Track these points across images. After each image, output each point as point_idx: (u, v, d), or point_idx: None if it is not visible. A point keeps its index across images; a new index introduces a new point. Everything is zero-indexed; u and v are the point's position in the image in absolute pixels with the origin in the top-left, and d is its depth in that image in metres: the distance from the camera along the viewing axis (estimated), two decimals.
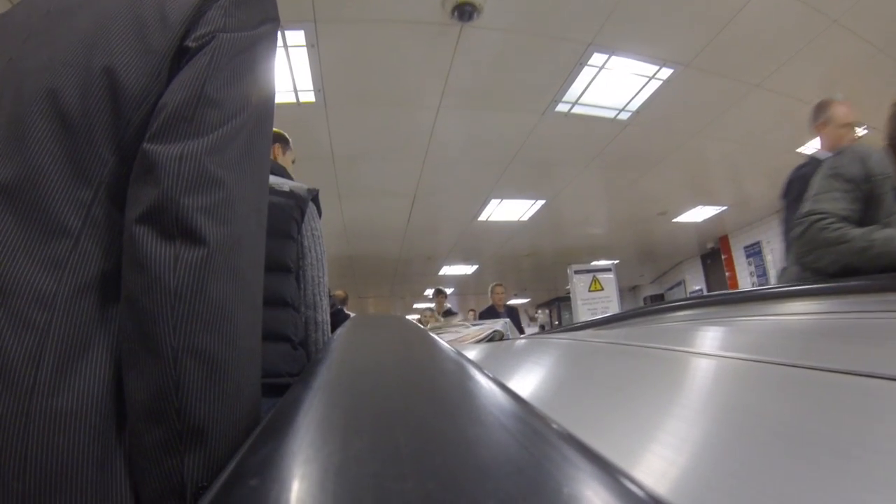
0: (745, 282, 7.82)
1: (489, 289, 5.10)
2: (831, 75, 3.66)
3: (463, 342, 1.44)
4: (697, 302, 1.21)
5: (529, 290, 11.57)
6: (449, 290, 9.07)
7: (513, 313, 4.97)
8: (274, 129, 0.90)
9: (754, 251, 7.61)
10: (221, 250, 0.44)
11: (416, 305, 11.82)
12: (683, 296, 9.67)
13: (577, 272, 7.32)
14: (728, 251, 8.16)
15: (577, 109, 3.85)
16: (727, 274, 8.21)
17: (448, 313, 6.09)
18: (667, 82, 3.59)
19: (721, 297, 1.20)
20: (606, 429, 0.42)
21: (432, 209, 5.67)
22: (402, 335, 0.59)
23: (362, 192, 5.10)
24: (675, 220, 6.85)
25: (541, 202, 5.66)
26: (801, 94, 3.78)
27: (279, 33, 0.70)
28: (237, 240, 0.46)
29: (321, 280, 1.43)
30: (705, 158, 4.95)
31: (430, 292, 9.81)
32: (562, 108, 3.80)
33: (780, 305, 0.91)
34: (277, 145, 1.78)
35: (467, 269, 8.86)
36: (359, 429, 0.21)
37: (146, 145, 0.45)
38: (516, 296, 12.00)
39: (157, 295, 0.41)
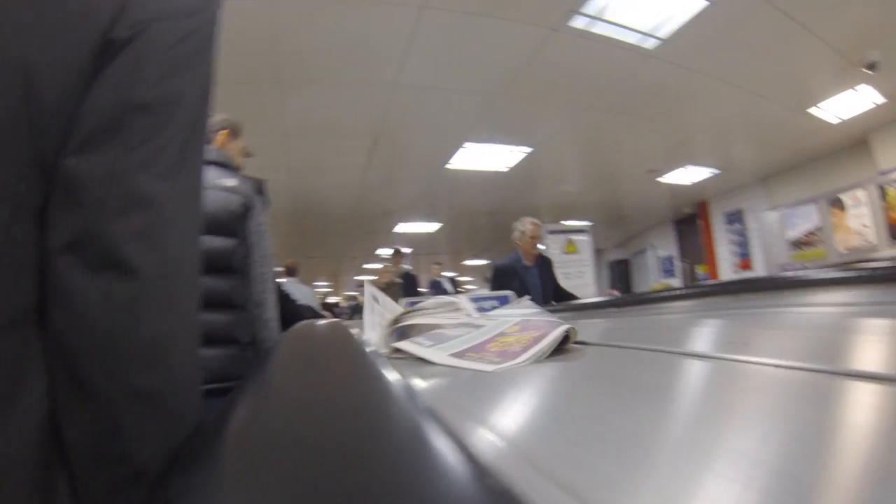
0: (724, 250, 7.51)
1: (520, 229, 3.22)
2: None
3: (508, 356, 0.63)
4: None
5: (491, 251, 10.90)
6: (406, 251, 8.22)
7: (546, 266, 3.31)
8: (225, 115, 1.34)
9: (736, 219, 7.24)
10: (155, 280, 0.41)
11: (366, 266, 10.94)
12: (653, 261, 9.31)
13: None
14: (706, 217, 7.76)
15: (597, 28, 3.02)
16: (704, 241, 7.83)
17: (407, 276, 5.38)
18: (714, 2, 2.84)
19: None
20: None
21: (397, 152, 4.74)
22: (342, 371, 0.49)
23: (313, 127, 4.12)
24: (661, 179, 6.25)
25: (525, 150, 4.83)
26: (841, 45, 3.48)
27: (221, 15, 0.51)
28: (172, 265, 0.43)
29: (268, 276, 1.41)
30: (717, 111, 4.38)
31: (382, 252, 8.96)
32: (580, 22, 2.95)
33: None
34: (225, 132, 1.58)
35: (427, 228, 8.02)
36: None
37: (67, 161, 0.39)
38: (476, 256, 11.32)
39: (87, 335, 0.38)
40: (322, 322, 1.21)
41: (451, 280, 6.30)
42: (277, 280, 1.64)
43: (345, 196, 6.02)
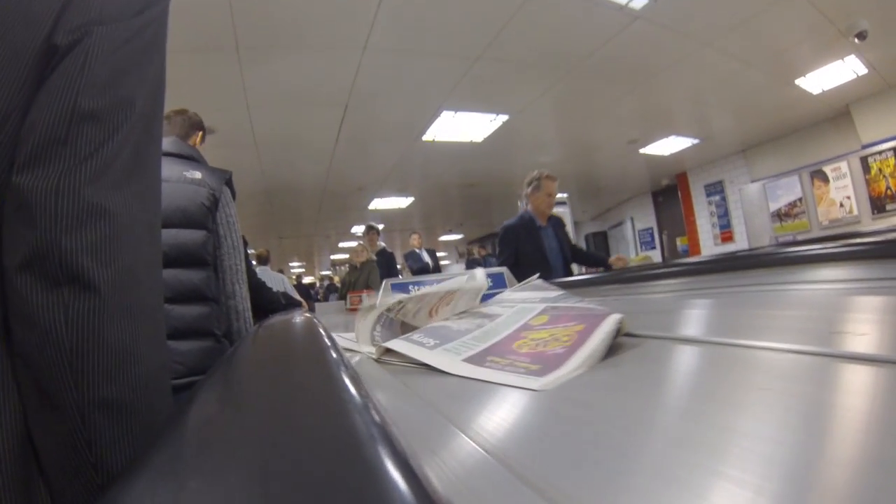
0: (705, 222, 7.52)
1: (534, 184, 2.71)
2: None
3: (549, 360, 0.43)
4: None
5: (464, 225, 10.75)
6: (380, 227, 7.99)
7: (560, 226, 2.84)
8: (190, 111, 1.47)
9: (716, 190, 7.23)
10: (115, 290, 0.41)
11: (341, 244, 10.68)
12: (630, 233, 9.26)
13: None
14: (686, 189, 7.72)
15: None
16: (684, 213, 7.79)
17: (382, 253, 5.13)
18: None
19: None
20: None
21: (369, 122, 4.48)
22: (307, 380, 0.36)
23: (279, 98, 3.84)
24: (643, 150, 6.13)
25: (502, 118, 4.62)
26: (832, 13, 3.39)
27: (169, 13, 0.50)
28: (131, 272, 0.43)
29: (238, 267, 1.41)
30: (701, 78, 4.27)
31: (357, 229, 8.71)
32: None
33: None
34: (200, 133, 1.62)
35: (401, 203, 7.78)
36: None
37: (16, 178, 0.39)
38: (450, 231, 11.16)
39: (52, 351, 0.38)
40: (294, 317, 1.05)
41: (430, 252, 5.88)
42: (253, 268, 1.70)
43: (315, 171, 5.75)
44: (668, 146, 6.17)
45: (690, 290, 1.02)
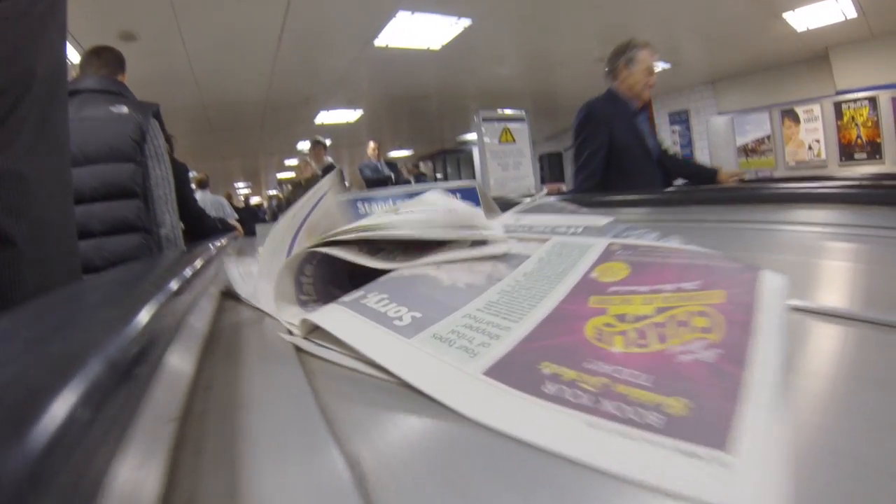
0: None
1: (628, 57, 1.99)
2: None
3: (709, 403, 0.18)
4: None
5: (416, 142, 10.39)
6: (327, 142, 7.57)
7: (650, 119, 2.17)
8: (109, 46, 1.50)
9: (681, 119, 7.22)
10: (30, 242, 0.46)
11: (287, 162, 10.15)
12: None
13: (486, 120, 6.29)
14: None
15: None
16: None
17: (329, 168, 4.72)
18: None
19: None
20: None
21: (314, 24, 3.97)
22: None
23: None
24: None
25: (465, 22, 4.24)
26: None
27: None
28: (44, 225, 0.48)
29: (168, 197, 1.47)
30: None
31: (304, 146, 8.23)
32: None
33: None
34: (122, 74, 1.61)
35: (349, 116, 7.33)
36: None
37: None
38: (399, 147, 10.77)
39: None
40: (204, 245, 0.95)
41: (391, 164, 5.18)
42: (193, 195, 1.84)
43: (256, 81, 5.20)
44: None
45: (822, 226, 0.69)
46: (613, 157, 1.83)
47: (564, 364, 0.23)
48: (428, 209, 0.47)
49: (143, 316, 0.22)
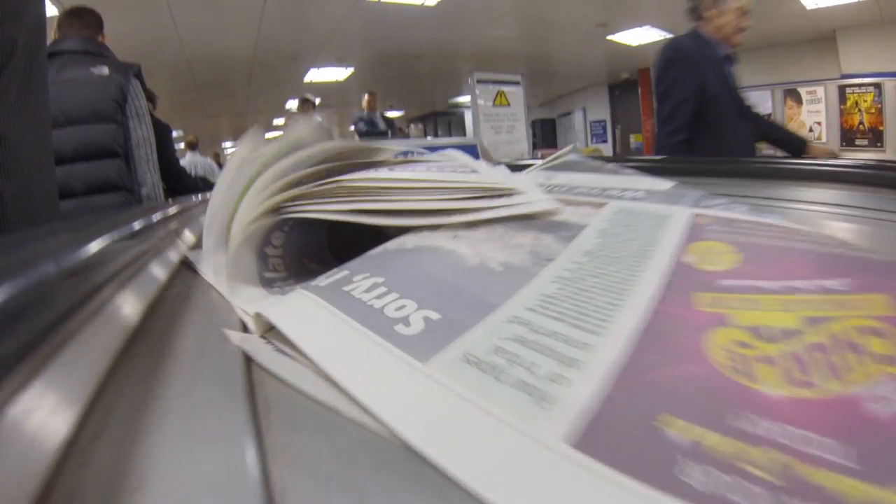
0: None
1: None
2: None
3: None
4: None
5: (407, 102, 10.19)
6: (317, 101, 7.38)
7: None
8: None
9: None
10: (16, 198, 0.49)
11: (275, 121, 9.92)
12: (580, 123, 9.07)
13: (480, 82, 6.15)
14: (647, 86, 7.56)
15: None
16: (642, 110, 7.71)
17: (318, 128, 4.58)
18: None
19: None
20: None
21: None
22: None
23: None
24: (611, 36, 5.75)
25: None
26: None
27: None
28: (29, 182, 0.51)
29: (150, 157, 1.50)
30: None
31: (292, 105, 8.03)
32: None
33: None
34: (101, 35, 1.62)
35: (339, 74, 7.13)
36: None
37: None
38: (391, 108, 10.56)
39: None
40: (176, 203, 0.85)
41: (388, 120, 4.81)
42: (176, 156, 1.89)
43: (243, 36, 5.02)
44: (638, 36, 5.83)
45: None
46: (702, 109, 1.55)
47: (700, 420, 0.14)
48: (445, 163, 0.38)
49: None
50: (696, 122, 1.55)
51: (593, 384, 0.16)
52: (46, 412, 0.14)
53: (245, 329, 0.25)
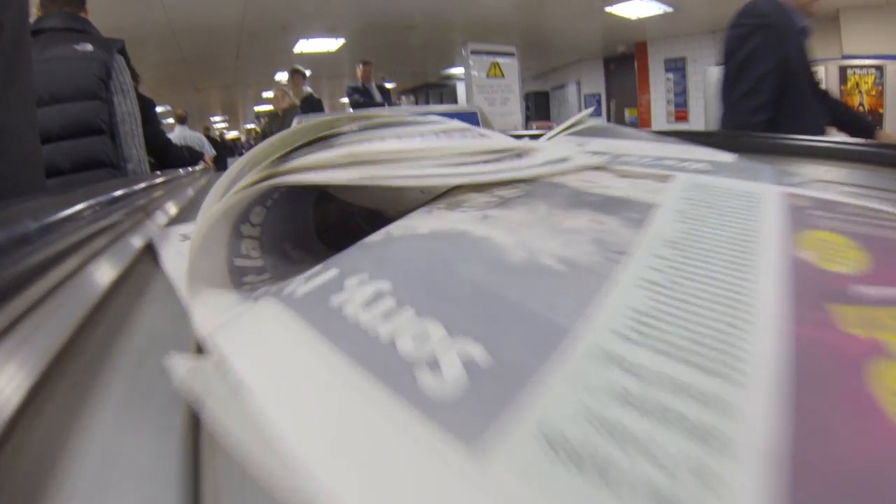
0: (660, 98, 7.42)
1: None
2: None
3: None
4: None
5: (398, 74, 10.02)
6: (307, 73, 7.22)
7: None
8: None
9: (677, 67, 7.09)
10: (2, 180, 0.49)
11: (265, 94, 9.73)
12: (574, 97, 8.98)
13: (474, 52, 6.04)
14: (644, 60, 7.52)
15: None
16: (638, 85, 7.67)
17: (308, 99, 4.24)
18: None
19: None
20: None
21: None
22: None
23: None
24: (609, 8, 5.67)
25: None
26: None
27: None
28: (17, 158, 0.52)
29: (135, 132, 1.49)
30: None
31: (282, 77, 7.87)
32: None
33: None
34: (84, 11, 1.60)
35: (330, 45, 6.98)
36: None
37: None
38: (383, 79, 10.38)
39: None
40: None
41: (383, 90, 4.56)
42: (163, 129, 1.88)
43: (230, 4, 4.89)
44: (636, 9, 5.74)
45: None
46: (785, 85, 1.37)
47: None
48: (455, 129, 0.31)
49: None
50: (779, 100, 1.38)
51: (759, 481, 0.09)
52: None
53: (199, 350, 0.18)
